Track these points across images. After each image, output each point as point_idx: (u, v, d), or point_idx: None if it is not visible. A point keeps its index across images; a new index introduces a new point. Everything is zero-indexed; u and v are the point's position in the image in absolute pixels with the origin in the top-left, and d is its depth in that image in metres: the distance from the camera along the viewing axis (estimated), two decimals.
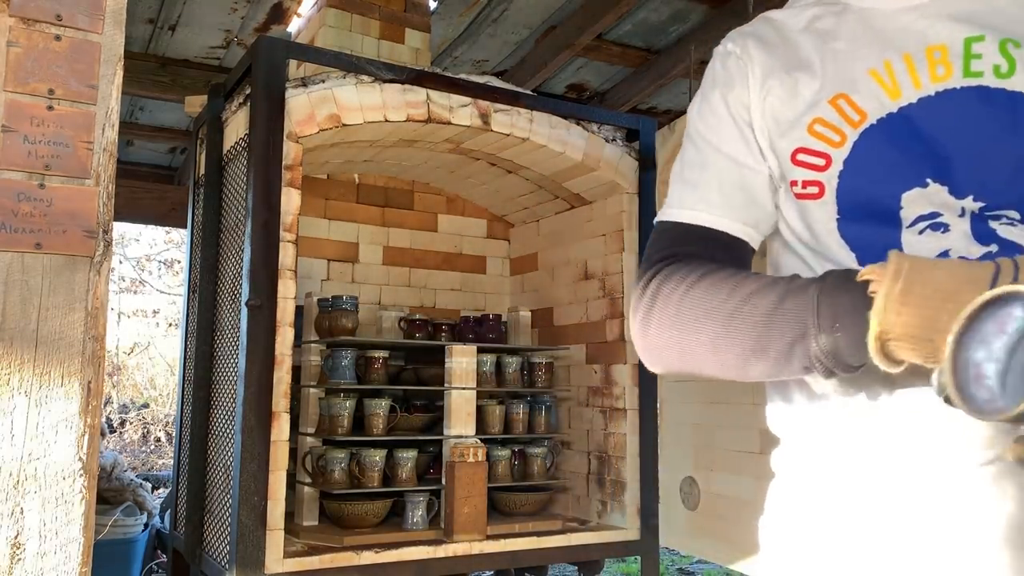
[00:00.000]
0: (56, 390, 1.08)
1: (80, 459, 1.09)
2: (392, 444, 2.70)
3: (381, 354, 2.82)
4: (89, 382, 1.11)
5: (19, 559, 1.04)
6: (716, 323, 0.78)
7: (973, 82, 0.80)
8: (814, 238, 0.87)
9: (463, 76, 2.69)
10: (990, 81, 0.80)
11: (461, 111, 2.63)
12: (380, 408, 2.69)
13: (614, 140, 2.92)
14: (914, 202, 0.80)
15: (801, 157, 0.86)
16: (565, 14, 3.58)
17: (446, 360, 2.77)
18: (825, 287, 0.72)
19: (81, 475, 1.09)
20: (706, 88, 0.96)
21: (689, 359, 0.82)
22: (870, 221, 0.82)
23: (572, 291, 3.20)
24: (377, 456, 2.62)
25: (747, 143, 0.91)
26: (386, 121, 2.52)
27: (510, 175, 3.15)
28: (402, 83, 2.54)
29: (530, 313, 3.27)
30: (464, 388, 2.75)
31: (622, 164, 2.92)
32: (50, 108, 1.13)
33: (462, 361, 2.76)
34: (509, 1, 3.48)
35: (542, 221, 3.43)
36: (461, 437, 2.70)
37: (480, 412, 2.85)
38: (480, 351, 2.85)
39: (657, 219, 0.94)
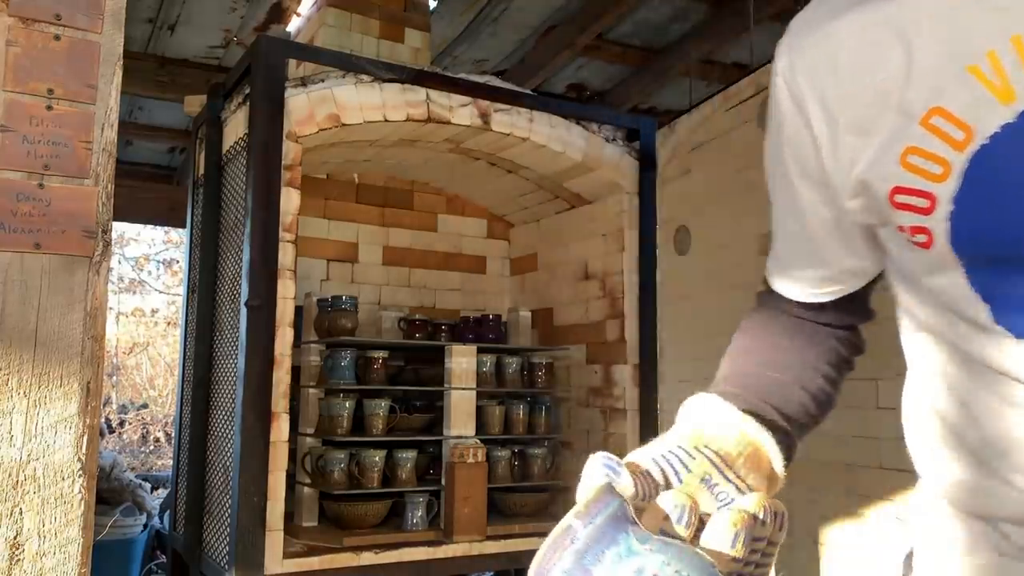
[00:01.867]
0: (55, 390, 1.08)
1: (79, 459, 1.08)
2: (392, 444, 2.70)
3: (381, 354, 2.82)
4: (88, 382, 1.10)
5: (18, 559, 1.04)
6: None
7: None
8: (937, 289, 0.71)
9: (463, 76, 2.69)
10: None
11: (461, 111, 2.63)
12: (380, 408, 2.69)
13: (614, 140, 2.92)
14: None
15: (900, 199, 0.67)
16: (565, 14, 3.57)
17: (446, 360, 2.77)
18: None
19: (80, 475, 1.08)
20: (770, 129, 0.80)
21: None
22: (1003, 268, 0.65)
23: (572, 291, 3.20)
24: (377, 456, 2.62)
25: (819, 198, 0.76)
26: (386, 121, 2.51)
27: (510, 175, 3.14)
28: (402, 83, 2.54)
29: (530, 313, 3.27)
30: (464, 388, 2.74)
31: (622, 164, 2.92)
32: (49, 108, 1.12)
33: (462, 361, 2.75)
34: (509, 1, 3.48)
35: (542, 221, 3.43)
36: (461, 438, 2.69)
37: (480, 412, 2.84)
38: (480, 351, 2.84)
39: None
